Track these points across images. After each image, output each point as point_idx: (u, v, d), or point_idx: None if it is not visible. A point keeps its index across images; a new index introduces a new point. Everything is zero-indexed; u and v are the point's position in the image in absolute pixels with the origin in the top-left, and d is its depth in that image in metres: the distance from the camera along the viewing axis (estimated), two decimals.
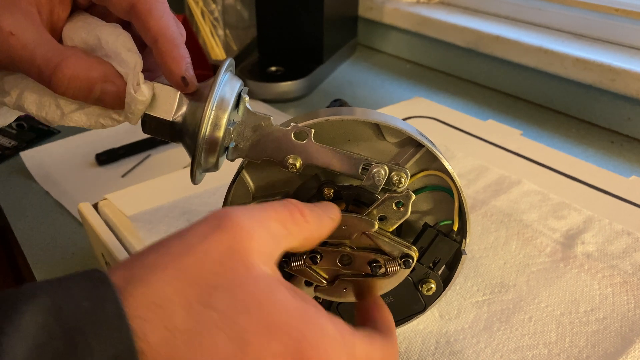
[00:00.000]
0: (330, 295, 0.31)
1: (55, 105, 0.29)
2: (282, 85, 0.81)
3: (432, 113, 0.64)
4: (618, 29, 0.75)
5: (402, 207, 0.29)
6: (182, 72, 0.28)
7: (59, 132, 0.74)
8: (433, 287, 0.33)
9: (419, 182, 0.33)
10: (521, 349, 0.34)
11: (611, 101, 0.72)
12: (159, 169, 0.64)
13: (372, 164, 0.29)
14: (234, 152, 0.30)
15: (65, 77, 0.27)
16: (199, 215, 0.46)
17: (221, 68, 0.29)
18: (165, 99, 0.29)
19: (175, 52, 0.28)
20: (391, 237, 0.30)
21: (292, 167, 0.29)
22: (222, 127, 0.28)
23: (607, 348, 0.34)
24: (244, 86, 0.30)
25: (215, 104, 0.28)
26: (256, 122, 0.30)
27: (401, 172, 0.29)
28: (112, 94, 0.28)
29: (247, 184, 0.32)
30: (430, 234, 0.32)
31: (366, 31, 1.03)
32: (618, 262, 0.41)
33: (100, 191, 0.49)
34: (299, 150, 0.29)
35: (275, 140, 0.29)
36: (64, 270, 0.49)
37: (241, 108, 0.30)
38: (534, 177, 0.51)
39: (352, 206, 0.31)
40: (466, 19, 0.87)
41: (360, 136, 0.32)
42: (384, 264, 0.30)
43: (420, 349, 0.34)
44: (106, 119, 0.29)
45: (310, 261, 0.30)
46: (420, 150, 0.31)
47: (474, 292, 0.39)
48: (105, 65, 0.28)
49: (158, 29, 0.28)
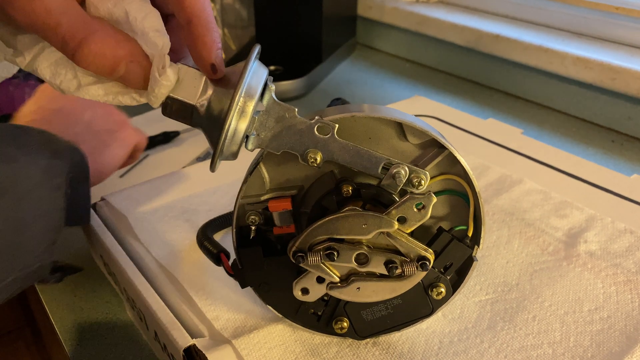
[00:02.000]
0: (342, 294, 0.31)
1: (72, 75, 0.28)
2: (280, 85, 0.80)
3: (432, 112, 0.64)
4: (618, 27, 0.75)
5: (423, 209, 0.29)
6: (213, 59, 0.27)
7: None
8: (443, 291, 0.32)
9: (436, 186, 0.33)
10: (525, 348, 0.34)
11: (611, 100, 0.71)
12: (158, 169, 0.64)
13: (392, 164, 0.29)
14: (255, 142, 0.29)
15: (90, 53, 0.25)
16: (198, 214, 0.46)
17: (251, 55, 0.28)
18: (191, 81, 0.28)
19: (209, 36, 0.27)
20: (409, 238, 0.29)
21: (313, 161, 0.29)
22: (249, 116, 0.27)
23: (612, 347, 0.34)
24: (269, 75, 0.29)
25: (244, 91, 0.27)
26: (280, 112, 0.29)
27: (421, 174, 0.29)
28: (137, 74, 0.27)
29: (262, 176, 0.32)
30: (444, 238, 0.32)
31: (365, 30, 1.03)
32: (621, 260, 0.41)
33: (98, 191, 0.48)
34: (321, 144, 0.29)
35: (297, 132, 0.29)
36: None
37: (266, 97, 0.29)
38: (536, 176, 0.51)
39: (369, 205, 0.30)
40: (466, 18, 0.87)
41: (381, 135, 0.32)
42: (400, 265, 0.30)
43: (424, 349, 0.34)
44: (125, 97, 0.28)
45: (327, 257, 0.29)
46: (442, 153, 0.31)
47: (477, 292, 0.38)
48: (132, 44, 0.27)
49: (194, 9, 0.26)
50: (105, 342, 0.41)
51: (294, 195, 0.32)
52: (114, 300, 0.45)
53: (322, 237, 0.30)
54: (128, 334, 0.42)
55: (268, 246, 0.33)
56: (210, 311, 0.36)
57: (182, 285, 0.38)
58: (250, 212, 0.32)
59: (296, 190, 0.32)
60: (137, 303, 0.38)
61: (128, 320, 0.43)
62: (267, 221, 0.32)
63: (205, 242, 0.36)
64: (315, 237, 0.30)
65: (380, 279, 0.30)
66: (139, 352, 0.41)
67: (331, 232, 0.29)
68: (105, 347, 0.41)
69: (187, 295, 0.37)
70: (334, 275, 0.30)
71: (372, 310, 0.33)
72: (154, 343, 0.39)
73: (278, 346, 0.34)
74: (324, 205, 0.30)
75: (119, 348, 0.41)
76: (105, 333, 0.42)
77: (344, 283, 0.31)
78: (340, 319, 0.33)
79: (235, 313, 0.36)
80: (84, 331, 0.42)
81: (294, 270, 0.32)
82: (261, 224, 0.32)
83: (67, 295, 0.46)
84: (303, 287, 0.31)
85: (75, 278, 0.47)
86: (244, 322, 0.35)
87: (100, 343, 0.41)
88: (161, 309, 0.36)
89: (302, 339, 0.35)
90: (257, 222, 0.32)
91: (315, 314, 0.34)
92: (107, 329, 0.43)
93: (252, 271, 0.33)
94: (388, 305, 0.33)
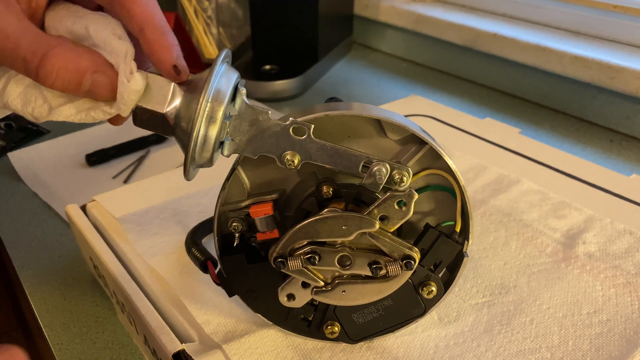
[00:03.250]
0: (328, 298, 0.30)
1: (42, 99, 0.27)
2: (276, 84, 0.80)
3: (429, 111, 0.63)
4: (617, 26, 0.75)
5: (405, 207, 0.28)
6: (173, 60, 0.26)
7: (48, 131, 0.72)
8: (434, 290, 0.32)
9: (420, 182, 0.32)
10: (523, 352, 0.33)
11: (610, 99, 0.71)
12: (153, 170, 0.63)
13: (373, 162, 0.28)
14: (230, 147, 0.28)
15: (53, 68, 0.25)
16: (190, 216, 0.45)
17: (217, 59, 0.27)
18: (159, 90, 0.27)
19: (164, 39, 0.26)
20: (392, 237, 0.29)
21: (290, 163, 0.28)
22: (218, 121, 0.27)
23: (612, 351, 0.33)
24: (241, 78, 0.29)
25: (212, 96, 0.26)
26: (253, 116, 0.28)
27: (403, 171, 0.28)
28: (104, 85, 0.26)
29: (242, 182, 0.31)
30: (431, 235, 0.31)
31: (362, 29, 1.02)
32: (620, 262, 0.40)
33: (90, 193, 0.47)
34: (298, 146, 0.28)
35: (273, 135, 0.28)
36: (50, 273, 0.47)
37: (238, 101, 0.28)
38: (534, 176, 0.50)
39: (352, 205, 0.30)
40: (463, 17, 0.86)
41: (360, 133, 0.31)
42: (384, 265, 0.29)
43: (419, 353, 0.33)
44: (97, 112, 0.28)
45: (308, 261, 0.29)
46: (423, 148, 0.30)
47: (473, 294, 0.38)
48: (95, 55, 0.26)
49: (144, 15, 0.26)
50: (95, 347, 0.41)
51: (276, 200, 0.31)
52: (104, 304, 0.44)
53: (303, 241, 0.29)
54: (118, 337, 0.41)
55: (253, 253, 0.32)
56: (201, 315, 0.35)
57: (172, 288, 0.37)
58: (233, 218, 0.31)
59: (278, 194, 0.31)
60: (127, 307, 0.38)
61: (118, 324, 0.42)
62: (250, 227, 0.32)
63: (193, 249, 0.35)
64: (295, 241, 0.29)
65: (366, 281, 0.30)
66: (129, 356, 0.40)
67: (311, 235, 0.29)
68: (95, 352, 0.40)
69: (177, 299, 0.36)
70: (318, 280, 0.30)
71: (363, 313, 0.32)
72: (144, 347, 0.38)
73: (270, 351, 0.33)
74: (305, 208, 0.30)
75: (109, 352, 0.40)
76: (95, 337, 0.41)
77: (328, 287, 0.30)
78: (331, 323, 0.32)
79: (226, 317, 0.35)
80: (73, 335, 0.42)
81: (280, 277, 0.31)
82: (245, 230, 0.32)
83: (57, 298, 0.45)
84: (289, 293, 0.31)
85: (65, 281, 0.47)
86: (235, 327, 0.34)
87: (90, 347, 0.41)
88: (150, 313, 0.35)
89: (295, 344, 0.34)
90: (240, 229, 0.31)
91: (306, 320, 0.33)
92: (97, 333, 0.42)
93: (237, 279, 0.32)
94: (379, 307, 0.32)
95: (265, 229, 0.31)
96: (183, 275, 0.38)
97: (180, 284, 0.37)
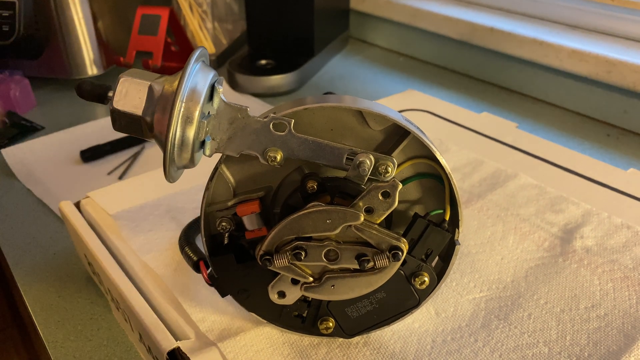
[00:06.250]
0: (319, 293, 0.30)
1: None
2: (272, 79, 0.79)
3: (425, 106, 0.63)
4: (614, 19, 0.74)
5: (389, 198, 0.28)
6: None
7: (42, 128, 0.72)
8: (426, 280, 0.31)
9: (407, 171, 0.32)
10: (520, 347, 0.33)
11: (607, 93, 0.71)
12: (148, 167, 0.62)
13: (356, 154, 0.28)
14: (211, 147, 0.28)
15: None
16: (185, 212, 0.45)
17: (190, 58, 0.27)
18: (135, 93, 0.27)
19: None
20: (378, 229, 0.28)
21: (273, 160, 0.28)
22: (195, 121, 0.26)
23: (610, 346, 0.33)
24: (218, 76, 0.29)
25: (186, 96, 0.26)
26: (232, 114, 0.28)
27: (387, 161, 0.28)
28: None
29: (227, 180, 0.31)
30: (420, 224, 0.30)
31: (358, 24, 1.02)
32: (618, 256, 0.40)
33: (84, 189, 0.47)
34: (279, 142, 0.28)
35: (253, 132, 0.28)
36: (45, 270, 0.47)
37: (215, 100, 0.28)
38: (531, 170, 0.50)
39: (338, 198, 0.29)
40: (459, 11, 0.86)
41: (343, 125, 0.30)
42: (372, 257, 0.29)
43: (416, 348, 0.33)
44: None
45: (294, 257, 0.28)
46: (407, 138, 0.30)
47: (470, 289, 0.37)
48: None
49: None
50: (90, 344, 0.40)
51: (263, 197, 0.31)
52: (99, 301, 0.44)
53: (289, 237, 0.29)
54: (113, 335, 0.41)
55: (242, 252, 0.32)
56: (196, 312, 0.35)
57: (167, 285, 0.37)
58: (221, 218, 0.31)
59: (264, 191, 0.31)
60: (121, 304, 0.37)
61: (113, 321, 0.42)
62: (238, 226, 0.31)
63: (186, 248, 0.35)
64: (281, 238, 0.29)
65: (354, 274, 0.29)
66: (124, 354, 0.39)
67: (296, 231, 0.28)
68: (90, 349, 0.40)
69: (172, 296, 0.36)
70: (306, 275, 0.29)
71: (357, 307, 0.32)
72: (139, 345, 0.38)
73: (265, 349, 0.33)
74: (290, 204, 0.29)
75: (104, 350, 0.40)
76: (90, 334, 0.41)
77: (317, 282, 0.30)
78: (325, 318, 0.32)
79: (221, 314, 0.35)
80: (68, 332, 0.41)
81: (271, 275, 0.30)
82: (233, 229, 0.31)
83: (51, 295, 0.44)
84: (279, 291, 0.30)
85: (60, 278, 0.46)
86: (230, 324, 0.34)
87: (85, 345, 0.40)
88: (145, 310, 0.34)
89: (291, 341, 0.33)
90: (228, 229, 0.31)
91: (300, 316, 0.33)
92: (91, 330, 0.41)
93: (228, 279, 0.32)
94: (372, 300, 0.32)
95: (252, 227, 0.31)
96: (178, 272, 0.38)
97: (175, 281, 0.37)
